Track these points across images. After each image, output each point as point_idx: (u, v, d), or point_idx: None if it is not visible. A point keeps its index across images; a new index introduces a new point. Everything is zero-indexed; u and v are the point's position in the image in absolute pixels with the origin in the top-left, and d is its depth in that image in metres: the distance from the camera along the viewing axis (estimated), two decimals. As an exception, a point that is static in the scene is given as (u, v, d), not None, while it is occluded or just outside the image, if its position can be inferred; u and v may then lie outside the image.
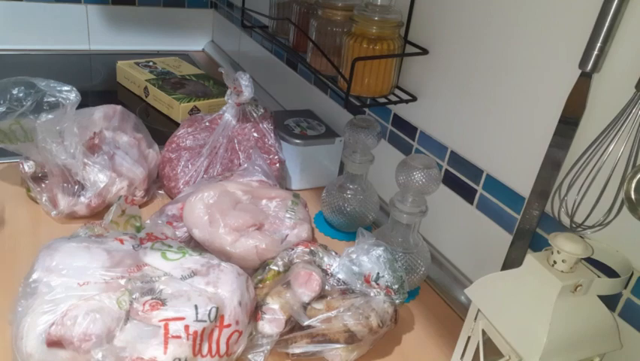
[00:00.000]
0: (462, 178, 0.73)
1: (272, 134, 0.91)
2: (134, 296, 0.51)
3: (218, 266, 0.57)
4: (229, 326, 0.53)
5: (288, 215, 0.75)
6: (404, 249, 0.70)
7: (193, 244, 0.71)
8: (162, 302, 0.51)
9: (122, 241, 0.58)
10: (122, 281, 0.52)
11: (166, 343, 0.49)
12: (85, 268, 0.52)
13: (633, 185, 0.46)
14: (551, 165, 0.58)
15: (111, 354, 0.48)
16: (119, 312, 0.50)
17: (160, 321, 0.50)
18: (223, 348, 0.53)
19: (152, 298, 0.51)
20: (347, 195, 0.83)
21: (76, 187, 0.78)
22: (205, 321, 0.51)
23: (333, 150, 0.96)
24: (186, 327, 0.50)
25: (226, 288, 0.55)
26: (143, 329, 0.50)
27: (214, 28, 1.74)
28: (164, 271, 0.55)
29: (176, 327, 0.50)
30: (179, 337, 0.50)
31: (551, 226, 0.59)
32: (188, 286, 0.54)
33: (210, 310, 0.52)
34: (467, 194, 0.72)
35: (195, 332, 0.50)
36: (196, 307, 0.51)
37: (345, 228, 0.86)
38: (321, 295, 0.61)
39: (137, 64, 1.36)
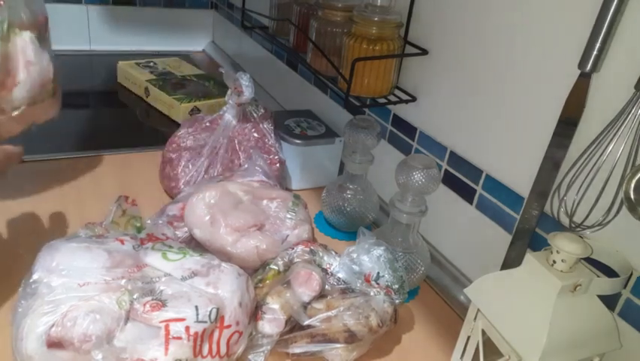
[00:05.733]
0: (462, 178, 0.73)
1: (272, 135, 0.91)
2: (134, 296, 0.51)
3: (219, 267, 0.57)
4: (229, 326, 0.53)
5: (288, 216, 0.75)
6: (404, 249, 0.70)
7: (194, 244, 0.71)
8: (163, 303, 0.51)
9: (122, 242, 0.58)
10: (123, 282, 0.52)
11: (167, 344, 0.49)
12: (85, 269, 0.52)
13: (632, 185, 0.46)
14: (551, 165, 0.58)
15: (111, 355, 0.48)
16: (119, 312, 0.50)
17: (160, 322, 0.50)
18: (223, 349, 0.53)
19: (152, 299, 0.51)
20: (347, 195, 0.83)
21: None
22: (205, 322, 0.51)
23: (333, 150, 0.96)
24: (187, 328, 0.50)
25: (226, 289, 0.55)
26: (143, 330, 0.50)
27: (214, 28, 1.75)
28: (165, 271, 0.55)
29: (176, 328, 0.50)
30: (179, 338, 0.50)
31: (551, 225, 0.59)
32: (189, 287, 0.54)
33: (211, 311, 0.52)
34: (467, 194, 0.72)
35: (196, 333, 0.50)
36: (196, 308, 0.51)
37: (345, 228, 0.86)
38: (321, 295, 0.62)
39: (138, 64, 1.36)
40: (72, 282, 0.51)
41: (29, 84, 0.67)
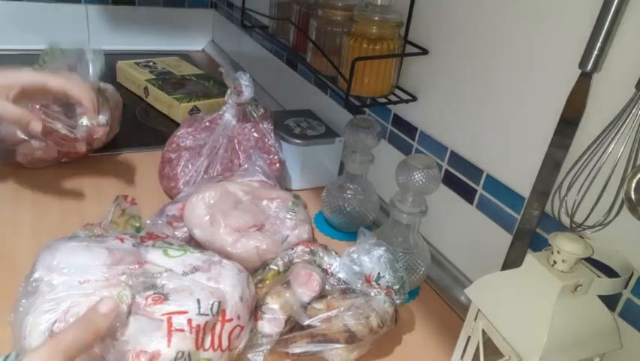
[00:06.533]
0: (462, 178, 0.73)
1: (272, 135, 0.91)
2: (135, 291, 0.51)
3: (220, 263, 0.58)
4: (231, 320, 0.54)
5: (288, 216, 0.75)
6: (404, 249, 0.70)
7: (193, 244, 0.71)
8: (165, 297, 0.51)
9: (122, 240, 0.58)
10: (123, 278, 0.52)
11: (169, 336, 0.49)
12: (86, 267, 0.52)
13: (633, 185, 0.46)
14: (551, 165, 0.58)
15: (114, 348, 0.48)
16: (120, 307, 0.50)
17: (163, 315, 0.50)
18: (225, 342, 0.53)
19: (154, 293, 0.52)
20: (347, 195, 0.83)
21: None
22: (207, 315, 0.51)
23: (333, 150, 0.96)
24: (189, 321, 0.50)
25: (227, 283, 0.55)
26: (145, 323, 0.50)
27: (214, 28, 1.75)
28: (166, 267, 0.55)
29: (179, 321, 0.50)
30: (182, 330, 0.50)
31: (551, 225, 0.59)
32: (190, 281, 0.54)
33: (212, 304, 0.52)
34: (467, 194, 0.72)
35: (198, 326, 0.51)
36: (198, 301, 0.51)
37: (345, 228, 0.86)
38: (321, 295, 0.61)
39: (137, 64, 1.36)
40: (73, 280, 0.51)
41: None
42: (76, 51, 0.93)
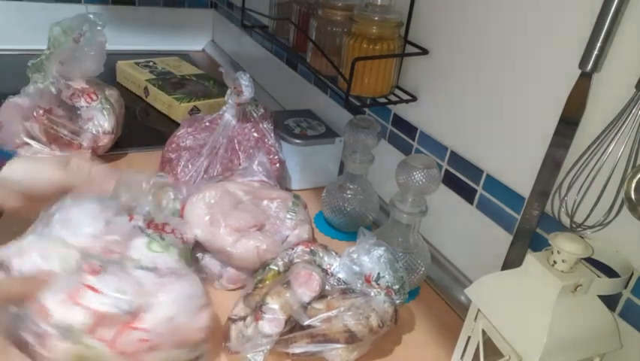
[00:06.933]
0: (462, 178, 0.73)
1: (272, 135, 0.91)
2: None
3: (180, 278, 0.54)
4: (142, 330, 0.49)
5: (288, 216, 0.75)
6: (404, 249, 0.70)
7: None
8: (101, 271, 0.50)
9: (131, 218, 0.58)
10: (94, 256, 0.52)
11: (69, 303, 0.48)
12: (77, 232, 0.53)
13: (633, 185, 0.46)
14: (551, 165, 0.58)
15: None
16: (59, 268, 0.50)
17: (85, 285, 0.49)
18: (121, 346, 0.49)
19: (98, 264, 0.51)
20: (347, 195, 0.83)
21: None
22: (117, 308, 0.48)
23: (333, 150, 0.96)
24: (95, 302, 0.48)
25: (168, 296, 0.52)
26: (67, 282, 0.49)
27: (214, 28, 1.75)
28: (138, 256, 0.54)
29: (87, 296, 0.48)
30: (80, 305, 0.48)
31: (551, 225, 0.59)
32: (136, 274, 0.52)
33: (129, 302, 0.49)
34: (467, 194, 0.72)
35: (100, 313, 0.48)
36: (119, 290, 0.49)
37: (345, 228, 0.86)
38: (321, 295, 0.61)
39: (137, 64, 1.36)
40: (61, 234, 0.53)
41: None
42: (78, 20, 0.95)
